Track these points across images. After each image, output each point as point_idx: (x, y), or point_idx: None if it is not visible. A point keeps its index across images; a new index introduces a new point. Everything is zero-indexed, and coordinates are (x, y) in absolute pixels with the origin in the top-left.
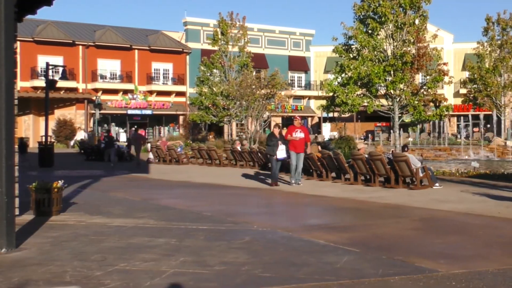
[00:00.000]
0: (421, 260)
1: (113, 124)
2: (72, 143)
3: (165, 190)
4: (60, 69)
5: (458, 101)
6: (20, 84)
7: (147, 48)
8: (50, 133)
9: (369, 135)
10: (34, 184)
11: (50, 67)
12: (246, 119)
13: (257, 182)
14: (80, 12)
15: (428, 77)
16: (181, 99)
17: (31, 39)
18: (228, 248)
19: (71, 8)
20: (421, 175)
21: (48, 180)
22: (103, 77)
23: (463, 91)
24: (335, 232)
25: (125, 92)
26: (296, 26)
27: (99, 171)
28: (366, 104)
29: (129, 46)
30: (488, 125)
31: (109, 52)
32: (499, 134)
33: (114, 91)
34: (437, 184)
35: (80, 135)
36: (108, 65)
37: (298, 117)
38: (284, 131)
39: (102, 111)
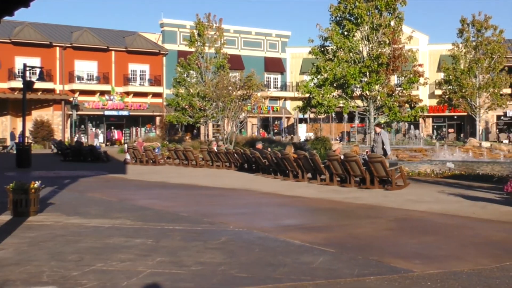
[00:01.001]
0: (396, 260)
1: (90, 125)
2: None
3: (142, 190)
4: (38, 70)
5: (433, 102)
6: None
7: (124, 49)
8: (27, 134)
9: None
10: (11, 184)
11: (28, 68)
12: (223, 120)
13: (234, 182)
14: (57, 13)
15: (403, 78)
16: (158, 100)
17: (8, 41)
18: (205, 249)
19: (48, 10)
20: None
21: (26, 181)
22: (80, 78)
23: (438, 92)
24: (311, 232)
25: (102, 93)
26: (272, 28)
27: (76, 171)
28: (341, 105)
29: (106, 47)
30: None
31: (86, 53)
32: (474, 135)
33: (91, 92)
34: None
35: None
36: (85, 67)
37: None
38: None
39: (79, 112)
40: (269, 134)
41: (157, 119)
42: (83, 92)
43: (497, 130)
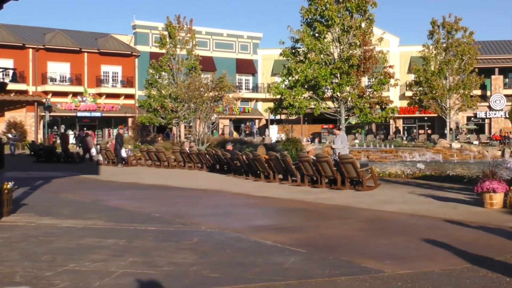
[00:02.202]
0: (367, 260)
1: (62, 126)
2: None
3: (114, 191)
4: (11, 72)
5: (404, 103)
6: None
7: (97, 51)
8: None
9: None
10: None
11: (0, 69)
12: (194, 121)
13: (206, 183)
14: (30, 15)
15: (374, 79)
16: (130, 101)
17: None
18: (177, 249)
19: (21, 11)
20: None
21: None
22: (53, 79)
23: (408, 93)
24: (283, 233)
25: (75, 94)
26: (243, 30)
27: (49, 172)
28: (313, 106)
29: (78, 49)
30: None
31: (59, 55)
32: (444, 136)
33: (64, 94)
34: None
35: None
36: (58, 68)
37: None
38: None
39: (52, 114)
40: (240, 135)
41: (130, 120)
42: (56, 94)
43: (467, 131)
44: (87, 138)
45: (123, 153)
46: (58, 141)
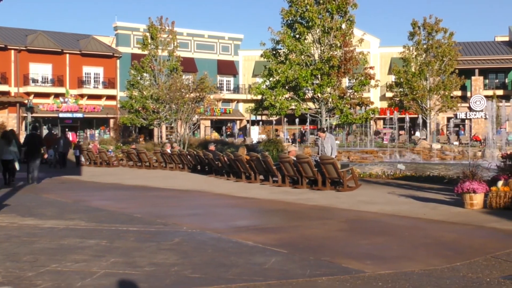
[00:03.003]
0: (348, 261)
1: (44, 127)
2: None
3: (96, 192)
4: None
5: (385, 104)
6: None
7: (78, 52)
8: None
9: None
10: None
11: None
12: (176, 122)
13: (187, 184)
14: (12, 16)
15: (354, 80)
16: (112, 102)
17: None
18: (158, 249)
19: (3, 13)
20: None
21: None
22: (35, 81)
23: (389, 94)
24: (264, 233)
25: (57, 95)
26: (224, 31)
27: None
28: (293, 107)
29: (60, 50)
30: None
31: (40, 56)
32: (424, 137)
33: (46, 95)
34: None
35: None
36: (40, 69)
37: None
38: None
39: (34, 115)
40: (222, 136)
41: (111, 121)
42: (38, 95)
43: (448, 132)
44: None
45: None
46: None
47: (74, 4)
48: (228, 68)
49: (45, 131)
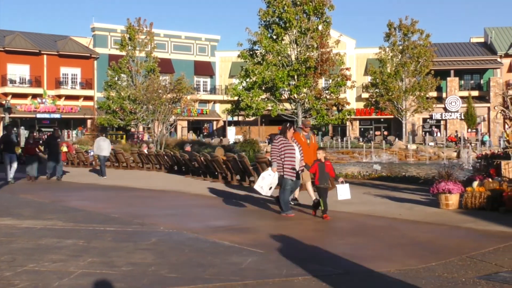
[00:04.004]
0: (324, 260)
1: (22, 127)
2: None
3: (73, 192)
4: None
5: (361, 105)
6: None
7: (56, 53)
8: None
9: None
10: None
11: None
12: (153, 123)
13: (164, 184)
14: None
15: (331, 81)
16: (89, 103)
17: None
18: (135, 249)
19: None
20: None
21: None
22: (12, 81)
23: (365, 95)
24: (240, 233)
25: (34, 96)
26: (201, 32)
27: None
28: (270, 108)
29: (38, 51)
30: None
31: (18, 57)
32: (400, 137)
33: (24, 96)
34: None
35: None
36: (18, 70)
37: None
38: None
39: (11, 115)
40: (198, 137)
41: (89, 121)
42: (15, 95)
43: (423, 132)
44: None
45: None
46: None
47: (52, 5)
48: (205, 69)
49: (23, 132)
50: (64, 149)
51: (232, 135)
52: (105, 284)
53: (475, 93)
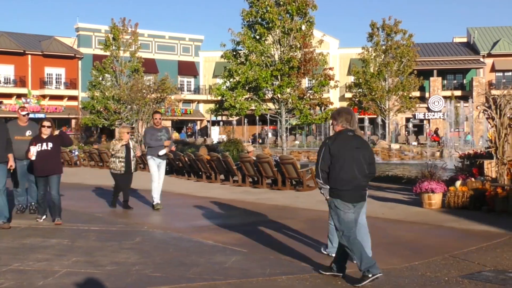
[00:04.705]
0: (307, 260)
1: None
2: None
3: None
4: None
5: (344, 105)
6: None
7: (40, 53)
8: None
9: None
10: None
11: None
12: (137, 123)
13: (148, 184)
14: None
15: (314, 81)
16: (74, 103)
17: None
18: (120, 249)
19: None
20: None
21: None
22: None
23: (348, 95)
24: (224, 233)
25: (19, 96)
26: (185, 32)
27: None
28: (253, 107)
29: (22, 51)
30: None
31: (3, 57)
32: (383, 137)
33: (8, 95)
34: None
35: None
36: (2, 70)
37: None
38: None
39: None
40: (182, 136)
41: (73, 121)
42: (0, 95)
43: (406, 132)
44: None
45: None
46: None
47: (36, 5)
48: (188, 69)
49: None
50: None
51: (216, 134)
52: (90, 283)
53: (458, 93)
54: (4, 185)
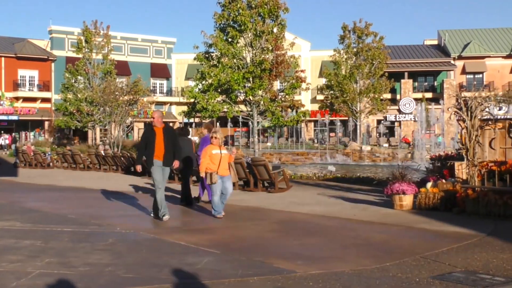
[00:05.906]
0: (279, 261)
1: None
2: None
3: (31, 193)
4: None
5: (315, 107)
6: None
7: (13, 55)
8: None
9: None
10: None
11: None
12: (110, 125)
13: (121, 185)
14: None
15: (286, 83)
16: (47, 105)
17: None
18: (92, 250)
19: None
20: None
21: None
22: None
23: (320, 97)
24: (196, 234)
25: None
26: (158, 35)
27: None
28: (226, 110)
29: None
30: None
31: None
32: (355, 139)
33: None
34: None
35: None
36: None
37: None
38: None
39: None
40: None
41: (46, 123)
42: None
43: (377, 134)
44: None
45: None
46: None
47: (9, 7)
48: (161, 71)
49: None
50: None
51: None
52: (63, 284)
53: (429, 95)
54: None
